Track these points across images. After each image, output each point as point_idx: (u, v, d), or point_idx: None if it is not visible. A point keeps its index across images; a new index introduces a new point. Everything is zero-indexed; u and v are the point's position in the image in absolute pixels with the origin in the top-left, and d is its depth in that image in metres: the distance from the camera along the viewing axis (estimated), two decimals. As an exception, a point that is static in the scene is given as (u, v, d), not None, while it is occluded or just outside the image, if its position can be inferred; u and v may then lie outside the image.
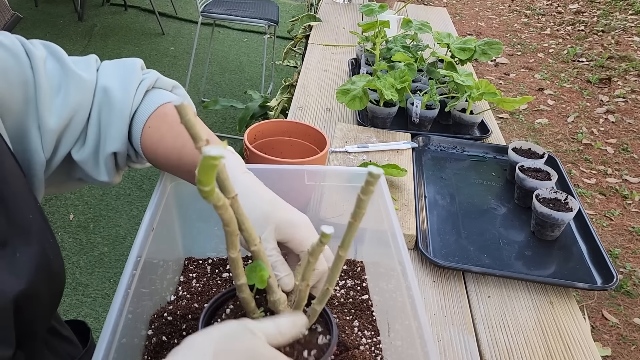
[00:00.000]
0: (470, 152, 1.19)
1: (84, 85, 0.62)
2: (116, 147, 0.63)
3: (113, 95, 0.63)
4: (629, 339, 1.83)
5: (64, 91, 0.60)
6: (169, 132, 0.64)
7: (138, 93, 0.64)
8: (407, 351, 0.62)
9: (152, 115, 0.64)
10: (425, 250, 0.88)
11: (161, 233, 0.68)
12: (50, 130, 0.59)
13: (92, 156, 0.64)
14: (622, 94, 3.45)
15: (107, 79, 0.64)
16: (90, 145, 0.63)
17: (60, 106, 0.60)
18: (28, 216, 0.53)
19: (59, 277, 0.57)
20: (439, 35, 1.38)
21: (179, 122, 0.64)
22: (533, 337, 0.78)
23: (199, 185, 0.34)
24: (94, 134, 0.63)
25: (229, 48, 4.05)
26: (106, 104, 0.63)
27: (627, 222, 2.36)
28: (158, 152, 0.64)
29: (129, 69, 0.66)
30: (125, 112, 0.63)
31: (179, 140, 0.63)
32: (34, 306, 0.53)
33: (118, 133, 0.63)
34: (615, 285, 0.84)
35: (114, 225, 2.25)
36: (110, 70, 0.65)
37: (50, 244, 0.56)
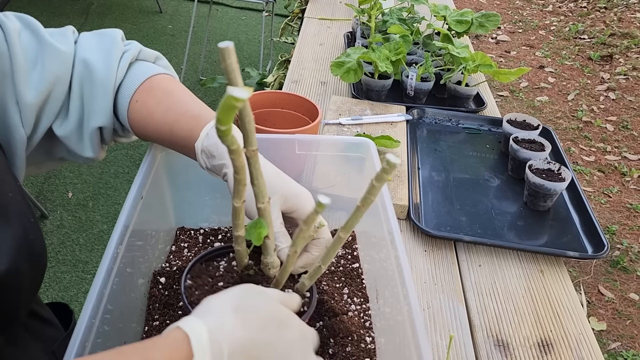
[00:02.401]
0: (465, 124, 1.19)
1: (61, 57, 0.60)
2: (101, 121, 0.62)
3: (94, 69, 0.61)
4: (624, 314, 1.84)
5: (41, 64, 0.58)
6: (157, 107, 0.62)
7: (121, 65, 0.63)
8: (395, 317, 0.62)
9: (138, 89, 0.63)
10: (417, 221, 0.88)
11: (151, 203, 0.68)
12: (29, 104, 0.57)
13: (75, 131, 0.62)
14: (623, 71, 3.41)
15: (87, 51, 0.62)
16: (74, 120, 0.62)
17: (37, 79, 0.58)
18: (7, 195, 0.51)
19: (40, 258, 0.55)
20: (435, 7, 1.36)
21: (166, 95, 0.63)
22: (522, 304, 0.78)
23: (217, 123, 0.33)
24: (76, 108, 0.62)
25: (227, 26, 4.01)
26: (87, 77, 0.61)
27: (625, 199, 2.36)
28: (147, 128, 0.63)
29: (109, 41, 0.64)
30: (109, 85, 0.61)
31: (169, 115, 0.62)
32: (15, 288, 0.52)
33: (102, 107, 0.62)
34: (605, 253, 0.84)
35: (112, 203, 2.26)
36: (89, 43, 0.63)
37: (31, 224, 0.54)
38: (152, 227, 0.70)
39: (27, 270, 0.52)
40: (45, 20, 4.11)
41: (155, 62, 0.69)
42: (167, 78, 0.66)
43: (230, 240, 0.80)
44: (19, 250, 0.51)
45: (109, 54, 0.62)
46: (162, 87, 0.64)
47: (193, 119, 0.61)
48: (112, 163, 2.48)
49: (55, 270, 1.94)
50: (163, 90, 0.64)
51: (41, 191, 2.28)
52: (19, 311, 0.55)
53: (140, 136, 0.66)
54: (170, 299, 0.68)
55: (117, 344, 0.56)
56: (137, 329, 0.64)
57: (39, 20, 0.63)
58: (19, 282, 0.51)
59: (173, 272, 0.71)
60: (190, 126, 0.60)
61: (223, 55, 0.34)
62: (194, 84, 3.18)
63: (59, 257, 1.99)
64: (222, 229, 0.83)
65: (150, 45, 0.72)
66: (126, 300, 0.60)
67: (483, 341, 0.72)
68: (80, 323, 0.48)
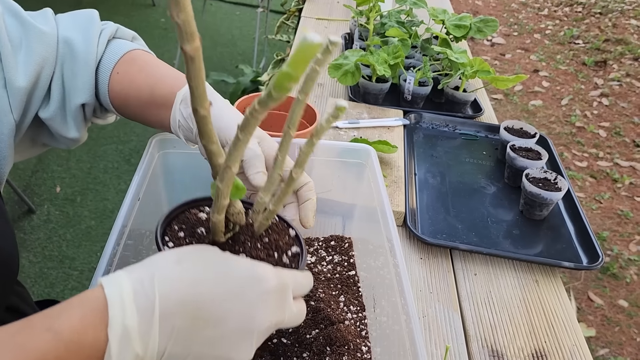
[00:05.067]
0: (462, 130, 1.18)
1: (46, 39, 0.59)
2: (84, 98, 0.62)
3: (76, 47, 0.61)
4: (614, 321, 1.86)
5: (26, 47, 0.58)
6: (139, 74, 0.63)
7: (100, 42, 0.63)
8: (392, 327, 0.62)
9: (119, 62, 0.63)
10: (414, 227, 0.87)
11: (147, 203, 0.67)
12: (19, 87, 0.56)
13: (59, 111, 0.62)
14: (617, 78, 3.44)
15: (67, 30, 0.62)
16: (56, 100, 0.61)
17: (24, 62, 0.57)
18: None
19: (11, 259, 0.52)
20: (434, 11, 1.36)
21: (148, 64, 0.62)
22: (517, 314, 0.78)
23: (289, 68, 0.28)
24: (58, 87, 0.61)
25: (220, 21, 3.98)
26: (69, 55, 0.61)
27: (617, 205, 2.38)
28: (129, 95, 0.63)
29: (87, 20, 0.64)
30: (90, 61, 0.61)
31: (151, 78, 0.62)
32: None
33: (85, 83, 0.61)
34: (601, 264, 0.84)
35: (101, 199, 2.23)
36: (68, 22, 0.63)
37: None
38: (146, 227, 0.69)
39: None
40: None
41: (133, 40, 0.69)
42: (148, 52, 0.67)
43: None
44: None
45: (87, 31, 0.62)
46: (143, 58, 0.64)
47: (175, 79, 0.61)
48: (101, 158, 2.45)
49: (41, 265, 1.91)
50: (144, 61, 0.64)
51: (28, 185, 2.25)
52: None
53: (120, 109, 0.65)
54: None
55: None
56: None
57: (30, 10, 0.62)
58: None
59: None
60: (172, 85, 0.60)
61: None
62: (188, 80, 3.15)
63: (45, 253, 1.96)
64: (216, 232, 0.82)
65: (143, 38, 0.71)
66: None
67: (478, 352, 0.72)
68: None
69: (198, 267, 0.36)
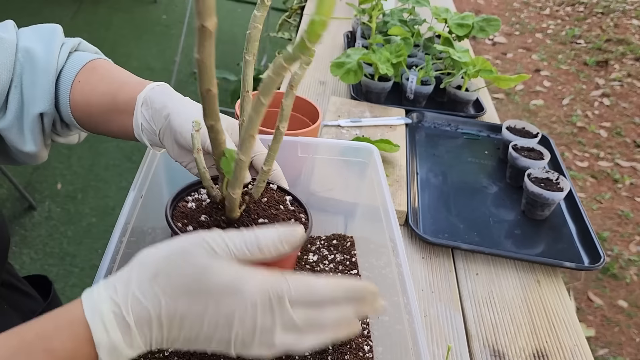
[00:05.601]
0: (464, 129, 1.18)
1: (4, 44, 0.59)
2: (42, 107, 0.60)
3: (36, 56, 0.60)
4: (613, 321, 1.86)
5: None
6: (101, 82, 0.62)
7: (62, 52, 0.62)
8: (394, 326, 0.62)
9: (80, 71, 0.62)
10: (415, 227, 0.87)
11: (149, 200, 0.67)
12: None
13: (15, 122, 0.61)
14: (618, 78, 3.43)
15: (28, 40, 0.61)
16: (13, 110, 0.60)
17: None
18: None
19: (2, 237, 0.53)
20: (437, 10, 1.36)
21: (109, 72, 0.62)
22: (519, 314, 0.78)
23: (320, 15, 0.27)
24: (16, 97, 0.60)
25: (222, 19, 3.97)
26: (29, 64, 0.60)
27: (617, 205, 2.38)
28: (91, 102, 0.62)
29: (50, 31, 0.63)
30: (51, 70, 0.60)
31: (113, 85, 0.61)
32: None
33: (44, 92, 0.60)
34: (602, 265, 0.84)
35: (102, 196, 2.23)
36: (30, 34, 0.63)
37: None
38: (148, 224, 0.69)
39: None
40: (37, 8, 4.06)
41: None
42: (109, 62, 0.66)
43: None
44: None
45: (49, 42, 0.62)
46: (104, 66, 0.64)
47: (138, 84, 0.61)
48: (102, 155, 2.45)
49: (42, 262, 1.91)
50: (105, 69, 0.63)
51: (30, 182, 2.25)
52: None
53: (82, 119, 0.63)
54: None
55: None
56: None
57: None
58: None
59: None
60: (134, 90, 0.60)
61: None
62: (188, 77, 3.15)
63: (46, 250, 1.96)
64: (218, 230, 0.82)
65: (144, 35, 0.71)
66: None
67: (480, 351, 0.72)
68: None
69: (174, 280, 0.36)
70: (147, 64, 3.24)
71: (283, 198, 0.57)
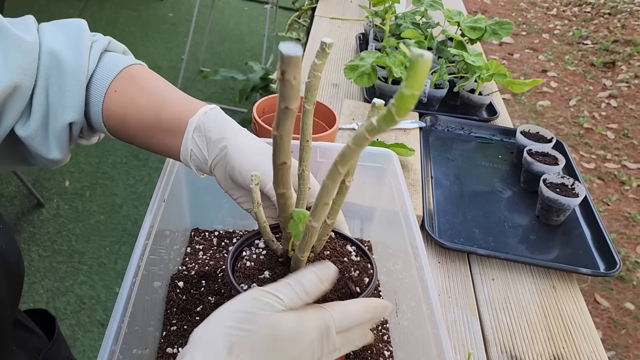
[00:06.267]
0: (478, 133, 1.18)
1: (26, 47, 0.53)
2: (73, 116, 0.56)
3: (63, 59, 0.55)
4: (620, 323, 1.86)
5: (3, 55, 0.52)
6: (141, 94, 0.58)
7: (92, 55, 0.57)
8: (413, 332, 0.62)
9: (115, 79, 0.58)
10: (431, 231, 0.88)
11: (170, 203, 0.68)
12: None
13: (40, 130, 0.56)
14: (625, 79, 3.43)
15: (53, 41, 0.56)
16: (38, 118, 0.56)
17: None
18: None
19: (16, 266, 0.50)
20: (449, 13, 1.36)
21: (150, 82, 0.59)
22: (535, 320, 0.78)
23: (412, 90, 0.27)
24: (41, 103, 0.56)
25: (228, 17, 3.97)
26: (55, 68, 0.55)
27: (624, 207, 2.38)
28: (129, 117, 0.58)
29: (76, 29, 0.58)
30: (81, 76, 0.56)
31: (156, 99, 0.58)
32: None
33: (74, 100, 0.56)
34: (618, 272, 0.85)
35: (110, 194, 2.24)
36: (54, 32, 0.57)
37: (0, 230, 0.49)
38: (168, 227, 0.70)
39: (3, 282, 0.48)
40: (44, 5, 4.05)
41: (124, 54, 0.64)
42: (146, 68, 0.62)
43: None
44: None
45: (77, 43, 0.57)
46: (143, 75, 0.60)
47: (184, 102, 0.58)
48: (110, 152, 2.46)
49: (51, 260, 1.92)
50: (144, 78, 0.59)
51: (37, 179, 2.26)
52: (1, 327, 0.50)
53: (115, 130, 0.60)
54: (188, 304, 0.67)
55: (136, 347, 0.55)
56: (155, 333, 0.64)
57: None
58: None
59: (191, 276, 0.71)
60: (181, 109, 0.57)
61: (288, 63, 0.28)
62: (195, 75, 3.15)
63: (55, 247, 1.97)
64: (237, 232, 0.82)
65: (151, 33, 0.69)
66: (143, 303, 0.59)
67: (497, 357, 0.72)
68: (110, 327, 0.48)
69: (252, 346, 0.37)
70: (153, 62, 3.24)
71: (346, 249, 0.55)
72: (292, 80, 0.28)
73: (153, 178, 2.31)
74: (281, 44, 0.27)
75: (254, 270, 0.51)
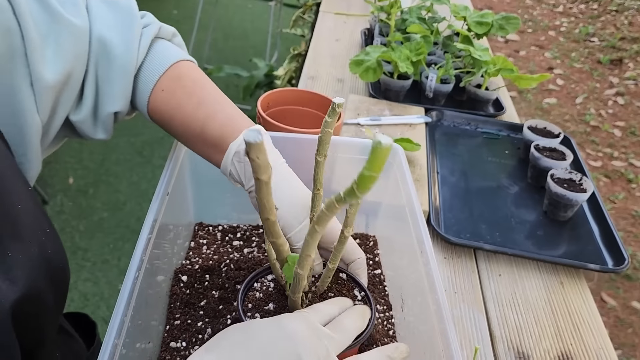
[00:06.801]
0: (484, 129, 1.17)
1: (77, 32, 0.53)
2: (118, 106, 0.57)
3: (113, 48, 0.55)
4: (626, 322, 1.85)
5: (55, 41, 0.51)
6: (188, 100, 0.57)
7: (142, 45, 0.57)
8: (419, 327, 0.61)
9: (164, 76, 0.57)
10: (437, 227, 0.87)
11: (174, 197, 0.67)
12: (47, 86, 0.50)
13: (90, 116, 0.57)
14: (632, 77, 3.40)
15: (103, 27, 0.55)
16: (89, 104, 0.56)
17: (53, 59, 0.51)
18: (16, 206, 0.45)
19: (62, 272, 0.50)
20: (456, 7, 1.34)
21: (197, 87, 0.59)
22: (543, 316, 0.77)
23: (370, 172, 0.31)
24: (91, 90, 0.56)
25: (232, 14, 3.97)
26: (104, 57, 0.55)
27: (631, 205, 2.36)
28: (174, 120, 0.58)
29: (127, 14, 0.57)
30: (129, 67, 0.55)
31: (201, 110, 0.57)
32: (39, 311, 0.46)
33: (121, 91, 0.56)
34: (626, 267, 0.84)
35: (113, 191, 2.24)
36: (104, 16, 0.56)
37: (48, 235, 0.49)
38: (172, 221, 0.69)
39: (49, 289, 0.47)
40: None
41: (172, 39, 0.64)
42: (193, 66, 0.61)
43: (248, 238, 0.79)
44: (36, 270, 0.45)
45: (127, 31, 0.56)
46: (191, 77, 0.59)
47: (228, 119, 0.58)
48: (113, 150, 2.46)
49: (56, 256, 1.92)
50: (193, 80, 0.59)
51: (41, 176, 2.26)
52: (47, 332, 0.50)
53: (159, 124, 0.60)
54: (192, 298, 0.67)
55: (139, 341, 0.55)
56: (159, 327, 0.63)
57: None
58: (41, 304, 0.46)
59: (195, 270, 0.70)
60: (224, 126, 0.57)
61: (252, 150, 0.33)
62: (200, 72, 3.14)
63: (60, 243, 1.97)
64: (240, 226, 0.82)
65: None
66: (147, 297, 0.58)
67: (504, 353, 0.72)
68: (113, 320, 0.47)
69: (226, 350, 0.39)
70: (158, 59, 3.23)
71: (352, 293, 0.56)
72: (256, 160, 0.33)
73: (157, 175, 2.31)
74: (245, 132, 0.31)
75: (260, 302, 0.53)
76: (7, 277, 0.42)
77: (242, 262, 0.71)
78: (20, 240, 0.44)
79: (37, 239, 0.46)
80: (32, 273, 0.44)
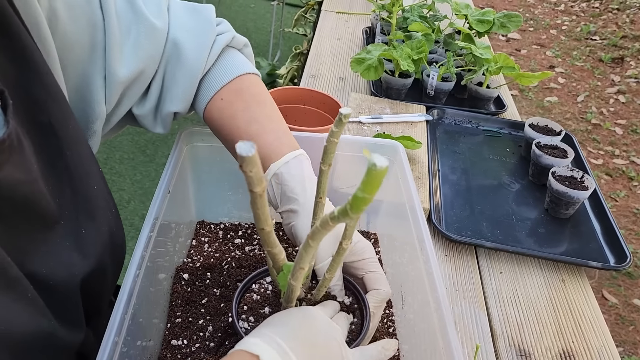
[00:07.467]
0: (485, 127, 1.17)
1: (156, 35, 0.55)
2: (180, 107, 0.59)
3: (185, 52, 0.57)
4: (628, 320, 1.85)
5: (134, 39, 0.54)
6: (243, 113, 0.59)
7: (213, 52, 0.59)
8: (419, 324, 0.61)
9: (226, 87, 0.59)
10: (438, 224, 0.87)
11: (175, 195, 0.67)
12: (118, 81, 0.53)
13: (152, 112, 0.60)
14: (634, 75, 3.39)
15: (180, 30, 0.57)
16: (152, 101, 0.59)
17: (129, 56, 0.53)
18: (92, 188, 0.49)
19: (121, 249, 0.54)
20: (457, 5, 1.34)
21: (254, 103, 0.60)
22: (544, 313, 0.78)
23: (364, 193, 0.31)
24: (157, 88, 0.58)
25: (235, 14, 3.96)
26: (175, 58, 0.57)
27: (632, 203, 2.35)
28: (225, 129, 0.60)
29: (204, 21, 0.59)
30: (197, 72, 0.57)
31: (253, 126, 0.59)
32: (100, 283, 0.51)
33: (184, 93, 0.58)
34: (629, 265, 0.84)
35: (117, 189, 2.24)
36: (183, 20, 0.58)
37: (114, 215, 0.52)
38: (174, 219, 0.69)
39: (110, 264, 0.52)
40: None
41: (242, 49, 0.65)
42: (256, 81, 0.63)
43: (250, 236, 0.79)
44: (103, 246, 0.49)
45: (202, 37, 0.58)
46: (251, 92, 0.60)
47: (277, 140, 0.58)
48: (117, 148, 2.46)
49: (59, 255, 1.93)
50: (252, 96, 0.60)
51: (46, 174, 2.26)
52: (103, 304, 0.55)
53: (210, 127, 0.63)
54: (193, 296, 0.67)
55: (140, 339, 0.55)
56: (160, 325, 0.63)
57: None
58: (103, 278, 0.51)
59: (196, 268, 0.70)
60: (270, 146, 0.57)
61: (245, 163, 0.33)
62: (202, 71, 3.15)
63: (63, 242, 1.98)
64: (242, 224, 0.82)
65: None
66: (148, 295, 0.59)
67: (505, 350, 0.72)
68: (113, 318, 0.47)
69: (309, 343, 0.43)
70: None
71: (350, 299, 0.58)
72: (248, 172, 0.33)
73: (160, 174, 2.30)
74: (238, 144, 0.31)
75: (256, 305, 0.54)
76: (82, 252, 0.46)
77: (243, 260, 0.72)
78: (94, 219, 0.48)
79: (106, 218, 0.50)
80: (100, 249, 0.49)
